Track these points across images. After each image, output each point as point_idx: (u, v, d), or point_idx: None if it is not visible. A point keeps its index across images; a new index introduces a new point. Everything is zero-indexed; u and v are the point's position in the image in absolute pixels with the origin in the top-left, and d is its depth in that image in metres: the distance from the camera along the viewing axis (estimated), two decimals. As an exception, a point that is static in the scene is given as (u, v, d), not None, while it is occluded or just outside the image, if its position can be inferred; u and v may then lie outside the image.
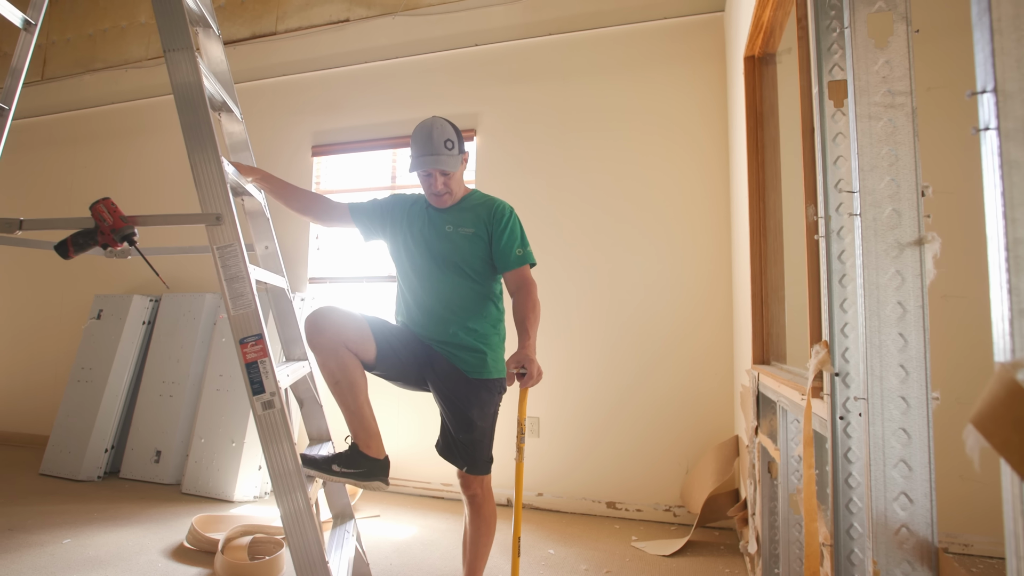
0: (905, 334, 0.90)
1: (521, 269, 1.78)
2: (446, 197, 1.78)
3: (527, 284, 1.77)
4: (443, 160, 1.70)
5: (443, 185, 1.75)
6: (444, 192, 1.76)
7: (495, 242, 1.77)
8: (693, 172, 3.07)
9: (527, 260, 1.79)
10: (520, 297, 1.76)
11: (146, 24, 4.43)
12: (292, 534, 1.37)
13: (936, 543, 0.89)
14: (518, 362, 1.65)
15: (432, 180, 1.74)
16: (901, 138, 0.91)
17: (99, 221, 1.47)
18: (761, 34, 2.12)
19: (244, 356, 1.40)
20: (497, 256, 1.78)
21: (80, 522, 2.73)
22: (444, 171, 1.73)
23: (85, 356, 3.79)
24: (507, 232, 1.77)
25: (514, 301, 1.77)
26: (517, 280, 1.78)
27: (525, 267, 1.79)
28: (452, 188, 1.77)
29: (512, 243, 1.77)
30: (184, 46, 1.52)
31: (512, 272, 1.78)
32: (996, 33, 0.55)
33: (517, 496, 1.69)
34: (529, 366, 1.63)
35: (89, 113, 4.62)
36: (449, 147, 1.71)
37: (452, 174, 1.75)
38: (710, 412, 2.92)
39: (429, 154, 1.70)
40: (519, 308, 1.74)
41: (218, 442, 3.26)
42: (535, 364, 1.64)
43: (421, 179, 1.78)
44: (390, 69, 3.71)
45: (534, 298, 1.75)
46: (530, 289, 1.76)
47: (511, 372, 1.66)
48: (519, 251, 1.78)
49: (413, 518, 2.93)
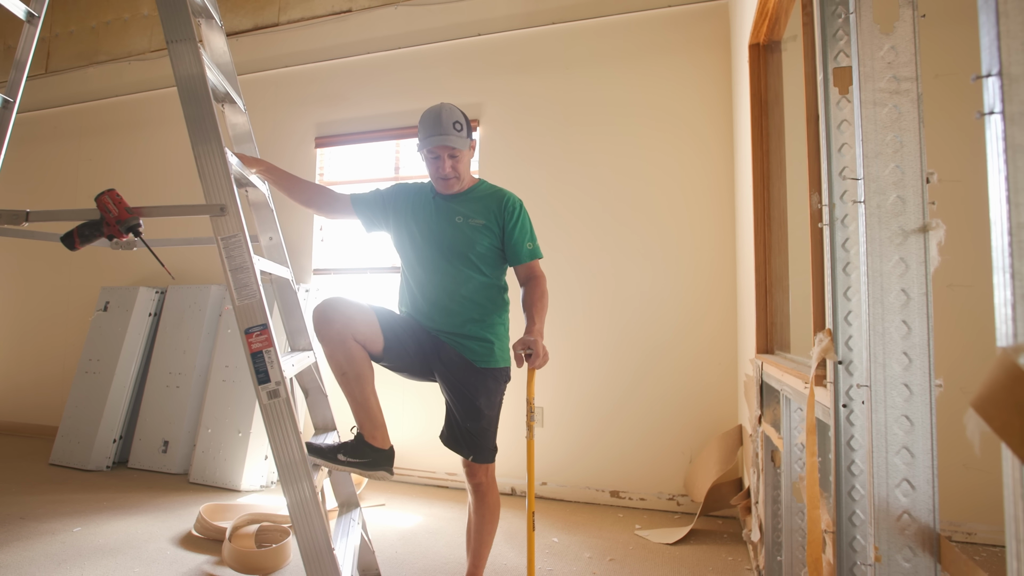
0: (909, 321, 0.90)
1: (532, 263, 1.81)
2: (453, 181, 1.77)
3: (537, 276, 1.80)
4: (452, 139, 1.69)
5: (451, 168, 1.74)
6: (452, 176, 1.75)
7: (507, 235, 1.78)
8: (695, 161, 3.05)
9: (537, 254, 1.81)
10: (530, 287, 1.78)
11: (149, 16, 4.43)
12: (298, 522, 1.39)
13: (938, 529, 0.89)
14: (525, 344, 1.66)
15: (440, 163, 1.74)
16: (906, 124, 0.91)
17: (104, 212, 1.47)
18: (766, 21, 2.10)
19: (249, 346, 1.41)
20: (509, 249, 1.80)
21: (90, 511, 2.77)
22: (452, 153, 1.73)
23: (92, 348, 3.83)
24: (519, 226, 1.79)
25: (524, 291, 1.79)
26: (528, 272, 1.81)
27: (535, 260, 1.81)
28: (460, 172, 1.76)
29: (524, 237, 1.79)
30: (187, 37, 1.52)
31: (523, 265, 1.81)
32: (1002, 16, 0.54)
33: (529, 472, 1.68)
34: (535, 347, 1.64)
35: (94, 106, 4.63)
36: (458, 129, 1.71)
37: (460, 156, 1.74)
38: (714, 402, 2.92)
39: (438, 134, 1.70)
40: (528, 296, 1.76)
41: (225, 432, 3.29)
42: (541, 345, 1.65)
43: (428, 163, 1.77)
44: (392, 60, 3.70)
45: (543, 288, 1.78)
46: (540, 281, 1.79)
47: (518, 353, 1.66)
48: (529, 245, 1.80)
49: (418, 507, 2.95)
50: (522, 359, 1.67)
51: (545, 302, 1.76)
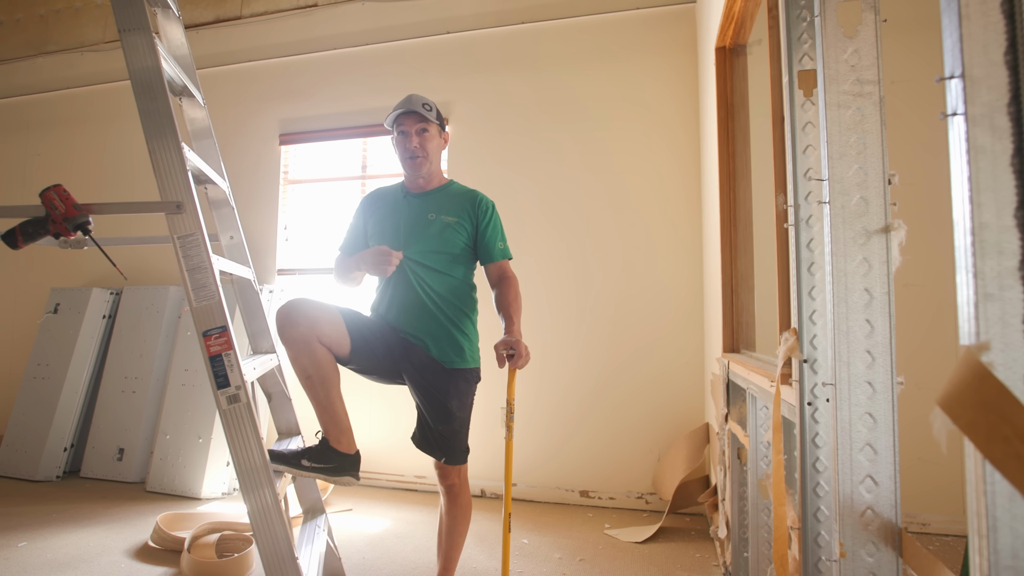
0: (872, 320, 0.92)
1: (503, 262, 1.82)
2: (421, 160, 1.76)
3: (509, 276, 1.81)
4: (419, 111, 1.72)
5: (419, 145, 1.75)
6: (419, 155, 1.76)
7: (480, 234, 1.79)
8: (666, 163, 3.09)
9: (508, 255, 1.83)
10: (503, 287, 1.78)
11: (102, 5, 4.25)
12: (260, 531, 1.34)
13: (900, 524, 0.91)
14: (507, 344, 1.65)
15: (408, 139, 1.75)
16: (869, 126, 0.92)
17: (50, 209, 1.40)
18: (732, 25, 2.13)
19: (208, 349, 1.35)
20: (481, 248, 1.80)
21: (37, 524, 2.63)
22: (421, 127, 1.74)
23: (41, 352, 3.65)
24: (491, 225, 1.80)
25: (497, 292, 1.79)
26: (499, 272, 1.81)
27: (507, 260, 1.83)
28: (428, 151, 1.77)
29: (496, 236, 1.81)
30: (140, 27, 1.45)
31: (495, 264, 1.81)
32: (964, 19, 0.55)
33: (507, 474, 1.68)
34: (517, 347, 1.64)
35: (44, 98, 4.41)
36: (427, 108, 1.75)
37: (429, 132, 1.76)
38: (681, 401, 2.96)
39: (405, 107, 1.73)
40: (503, 297, 1.76)
41: (184, 438, 3.17)
42: (522, 344, 1.65)
43: (398, 145, 1.79)
44: (360, 56, 3.63)
45: (517, 289, 1.79)
46: (513, 281, 1.80)
47: (500, 354, 1.66)
48: (501, 245, 1.81)
49: (386, 511, 2.90)
50: (504, 359, 1.66)
51: (520, 302, 1.78)
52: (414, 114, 1.74)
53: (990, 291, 0.54)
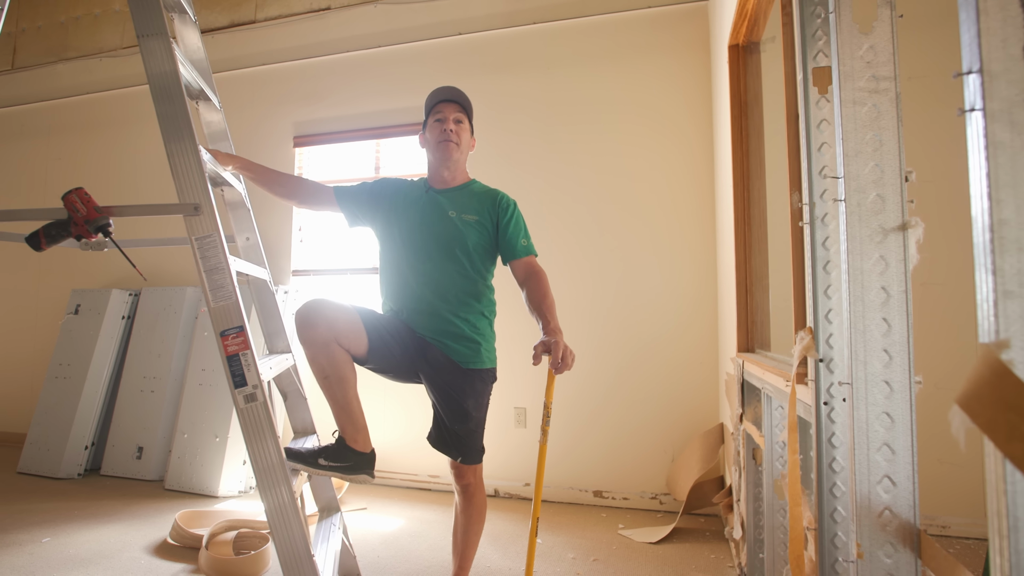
0: (889, 319, 0.91)
1: (529, 258, 1.77)
2: (453, 147, 1.77)
3: (537, 272, 1.74)
4: (461, 105, 1.79)
5: (453, 129, 1.77)
6: (454, 140, 1.77)
7: (501, 232, 1.77)
8: (678, 162, 3.07)
9: (532, 250, 1.79)
10: (531, 284, 1.71)
11: (120, 12, 4.32)
12: (277, 528, 1.36)
13: (919, 525, 0.90)
14: (546, 345, 1.53)
15: (444, 123, 1.77)
16: (885, 123, 0.91)
17: (72, 212, 1.43)
18: (745, 22, 2.12)
19: (225, 349, 1.37)
20: (504, 246, 1.77)
21: (60, 520, 2.68)
22: (458, 117, 1.79)
23: (63, 352, 3.72)
24: (512, 222, 1.78)
25: (526, 290, 1.72)
26: (526, 269, 1.75)
27: (532, 256, 1.78)
28: (461, 140, 1.79)
29: (518, 233, 1.78)
30: (158, 32, 1.48)
31: (520, 261, 1.76)
32: (982, 13, 0.55)
33: (538, 477, 1.61)
34: (556, 348, 1.52)
35: (64, 103, 4.50)
36: (466, 103, 1.82)
37: (463, 125, 1.80)
38: (695, 401, 2.94)
39: (447, 96, 1.80)
40: (532, 294, 1.68)
41: (201, 437, 3.21)
42: (563, 344, 1.54)
43: (432, 128, 1.81)
44: (372, 58, 3.66)
45: (545, 284, 1.71)
46: (541, 276, 1.73)
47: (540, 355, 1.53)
48: (524, 241, 1.78)
49: (400, 510, 2.92)
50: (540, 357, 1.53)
51: (552, 298, 1.68)
52: (455, 103, 1.78)
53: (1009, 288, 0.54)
